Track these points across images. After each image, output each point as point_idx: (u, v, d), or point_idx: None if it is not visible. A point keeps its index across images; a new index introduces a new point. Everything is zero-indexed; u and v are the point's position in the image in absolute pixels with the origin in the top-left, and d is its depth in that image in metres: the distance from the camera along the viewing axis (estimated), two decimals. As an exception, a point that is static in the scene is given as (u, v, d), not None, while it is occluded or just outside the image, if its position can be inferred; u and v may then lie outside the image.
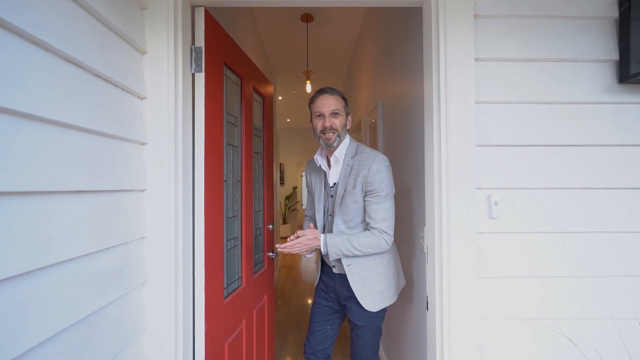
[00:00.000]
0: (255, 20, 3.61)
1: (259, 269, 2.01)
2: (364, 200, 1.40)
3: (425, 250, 1.36)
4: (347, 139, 1.50)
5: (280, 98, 6.66)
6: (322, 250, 1.43)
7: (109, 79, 0.96)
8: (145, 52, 1.14)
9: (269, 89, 2.25)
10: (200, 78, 1.33)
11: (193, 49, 1.32)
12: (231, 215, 1.62)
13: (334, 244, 1.38)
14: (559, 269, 1.16)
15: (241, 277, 1.72)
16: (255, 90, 1.97)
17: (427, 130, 1.28)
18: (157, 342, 1.12)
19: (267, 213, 2.15)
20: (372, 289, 1.41)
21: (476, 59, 1.17)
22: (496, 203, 1.16)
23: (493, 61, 1.18)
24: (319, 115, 1.46)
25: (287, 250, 1.44)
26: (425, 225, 1.44)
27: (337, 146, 1.47)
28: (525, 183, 1.17)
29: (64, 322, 0.76)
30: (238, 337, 1.63)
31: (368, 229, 1.39)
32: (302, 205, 10.56)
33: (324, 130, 1.44)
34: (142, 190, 1.12)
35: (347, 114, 1.50)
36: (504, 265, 1.16)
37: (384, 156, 1.40)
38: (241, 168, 1.74)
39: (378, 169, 1.36)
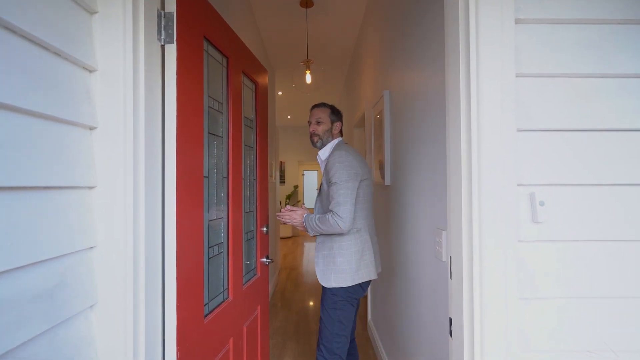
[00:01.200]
0: (252, 9, 3.36)
1: (251, 278, 1.77)
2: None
3: (447, 260, 1.11)
4: (334, 142, 1.83)
5: (280, 93, 6.41)
6: (304, 224, 1.76)
7: (39, 41, 0.72)
8: (96, 12, 0.89)
9: (263, 76, 2.00)
10: (172, 50, 1.09)
11: (163, 14, 1.08)
12: (214, 218, 1.38)
13: (308, 220, 1.72)
14: (627, 288, 0.90)
15: (228, 288, 1.48)
16: (245, 74, 1.73)
17: (450, 112, 1.03)
18: (109, 380, 0.88)
19: (260, 214, 1.90)
20: (327, 267, 1.68)
21: (517, 21, 0.92)
22: (542, 203, 0.91)
23: (538, 23, 0.92)
24: (309, 123, 1.86)
25: (281, 218, 1.79)
26: (445, 230, 1.20)
27: (321, 148, 1.83)
28: (580, 178, 0.91)
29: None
30: (224, 359, 1.39)
31: None
32: (303, 204, 10.37)
33: (310, 135, 1.85)
34: (91, 188, 0.87)
35: (332, 122, 1.84)
36: (553, 283, 0.91)
37: (341, 152, 1.69)
38: (227, 163, 1.50)
39: (332, 163, 1.66)
